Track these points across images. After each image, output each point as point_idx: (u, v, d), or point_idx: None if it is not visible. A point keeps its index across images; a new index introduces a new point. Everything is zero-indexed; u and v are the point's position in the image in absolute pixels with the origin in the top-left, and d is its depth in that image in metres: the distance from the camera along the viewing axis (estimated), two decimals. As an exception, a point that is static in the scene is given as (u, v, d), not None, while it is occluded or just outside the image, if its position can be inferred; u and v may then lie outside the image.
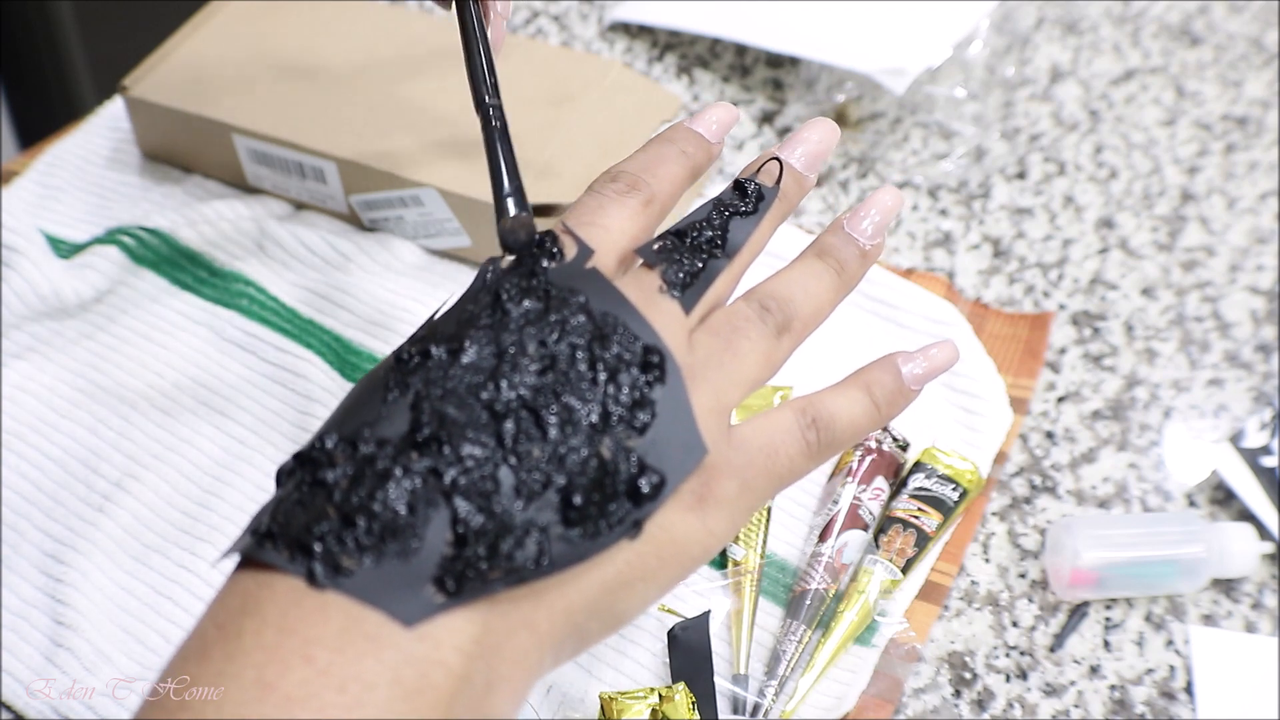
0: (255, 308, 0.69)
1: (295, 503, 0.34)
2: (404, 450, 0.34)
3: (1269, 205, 0.78)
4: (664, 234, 0.42)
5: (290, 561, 0.33)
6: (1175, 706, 0.57)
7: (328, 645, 0.32)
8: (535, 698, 0.54)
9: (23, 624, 0.57)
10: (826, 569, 0.58)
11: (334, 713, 0.31)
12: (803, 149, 0.45)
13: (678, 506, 0.38)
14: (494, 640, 0.34)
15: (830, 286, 0.43)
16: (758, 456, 0.40)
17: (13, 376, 0.66)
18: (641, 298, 0.39)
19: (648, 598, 0.38)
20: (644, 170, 0.43)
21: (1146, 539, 0.60)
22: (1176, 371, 0.69)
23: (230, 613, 0.33)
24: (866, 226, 0.44)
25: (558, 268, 0.39)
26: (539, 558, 0.34)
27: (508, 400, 0.36)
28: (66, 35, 1.27)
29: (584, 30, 0.88)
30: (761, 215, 0.43)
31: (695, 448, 0.38)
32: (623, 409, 0.37)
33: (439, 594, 0.33)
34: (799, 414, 0.41)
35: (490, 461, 0.35)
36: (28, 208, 0.75)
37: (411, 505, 0.34)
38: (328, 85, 0.73)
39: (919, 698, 0.57)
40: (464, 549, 0.34)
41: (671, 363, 0.38)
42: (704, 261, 0.41)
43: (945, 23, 0.81)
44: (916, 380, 0.44)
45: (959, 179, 0.78)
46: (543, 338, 0.37)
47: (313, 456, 0.35)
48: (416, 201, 0.69)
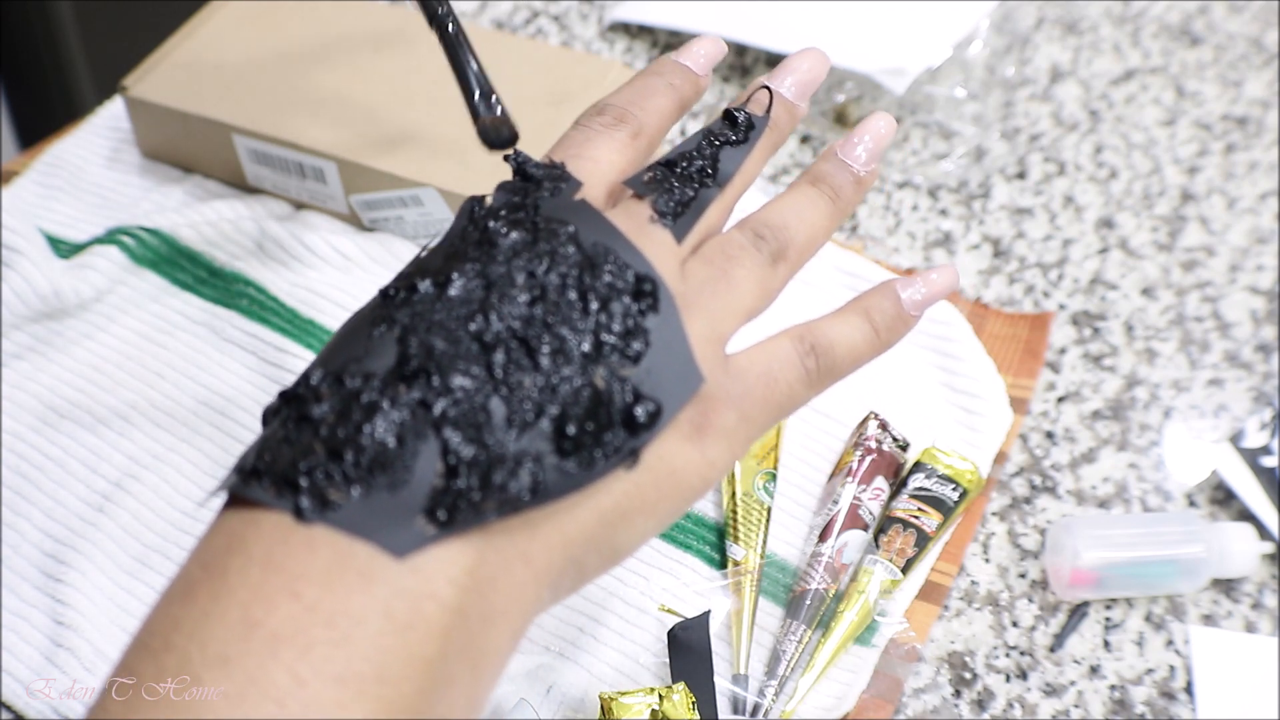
0: (255, 308, 0.69)
1: (281, 440, 0.33)
2: (391, 383, 0.34)
3: (1269, 205, 0.78)
4: (653, 164, 0.41)
5: (276, 497, 0.32)
6: (1175, 706, 0.57)
7: (315, 580, 0.31)
8: (535, 698, 0.54)
9: (23, 624, 0.57)
10: (826, 569, 0.58)
11: (322, 649, 0.30)
12: (793, 78, 0.44)
13: (675, 436, 0.37)
14: (488, 572, 0.33)
15: (825, 213, 0.43)
16: (756, 385, 0.39)
17: (12, 376, 0.66)
18: (632, 227, 0.39)
19: (646, 530, 0.37)
20: (631, 103, 0.42)
21: (1146, 539, 0.60)
22: (1176, 371, 0.69)
23: (215, 552, 0.32)
24: (860, 152, 0.44)
25: (546, 201, 0.38)
26: (533, 487, 0.34)
27: (497, 331, 0.35)
28: (66, 35, 1.27)
29: (584, 30, 0.88)
30: (752, 144, 0.42)
31: (691, 376, 0.37)
32: (616, 338, 0.36)
33: (430, 525, 0.32)
34: (797, 341, 0.40)
35: (480, 392, 0.34)
36: (28, 208, 0.75)
37: (400, 437, 0.33)
38: (328, 85, 0.73)
39: (919, 698, 0.57)
40: (455, 480, 0.33)
41: (665, 291, 0.37)
42: (695, 191, 0.40)
43: (945, 23, 0.81)
44: (916, 305, 0.43)
45: (959, 179, 0.78)
46: (532, 269, 0.36)
47: (298, 393, 0.34)
48: (416, 201, 0.69)
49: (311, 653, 0.30)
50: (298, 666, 0.30)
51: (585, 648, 0.57)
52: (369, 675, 0.30)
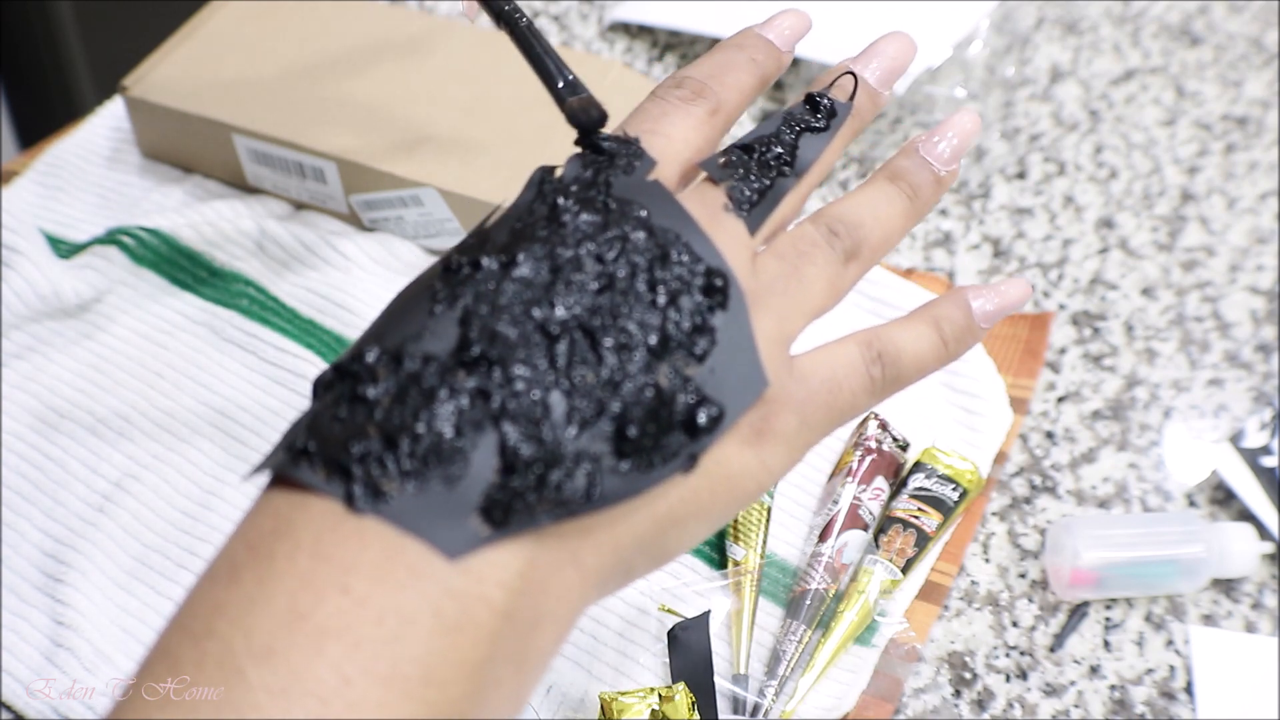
0: (255, 308, 0.69)
1: (333, 419, 0.32)
2: (451, 368, 0.32)
3: (1269, 205, 0.78)
4: (730, 148, 0.39)
5: (327, 482, 0.31)
6: (1175, 706, 0.57)
7: (365, 575, 0.30)
8: (535, 698, 0.54)
9: (23, 624, 0.57)
10: (826, 569, 0.58)
11: (370, 646, 0.29)
12: (878, 62, 0.43)
13: (734, 440, 0.35)
14: (539, 576, 0.32)
15: (902, 212, 0.41)
16: (820, 390, 0.38)
17: (12, 376, 0.66)
18: (705, 215, 0.37)
19: (697, 534, 0.36)
20: (711, 77, 0.40)
21: (1146, 539, 0.60)
22: (1176, 371, 0.69)
23: (262, 534, 0.31)
24: (944, 150, 0.42)
25: (618, 179, 0.37)
26: (589, 490, 0.32)
27: (562, 320, 0.33)
28: (66, 35, 1.27)
29: (584, 30, 0.88)
30: (834, 133, 0.40)
31: (756, 379, 0.35)
32: (682, 335, 0.34)
33: (485, 525, 0.31)
34: (864, 347, 0.39)
35: (541, 385, 0.32)
36: (28, 208, 0.75)
37: (458, 428, 0.31)
38: (328, 85, 0.73)
39: (919, 698, 0.57)
40: (511, 478, 0.31)
41: (735, 287, 0.36)
42: (772, 179, 0.39)
43: (945, 23, 0.81)
44: (987, 318, 0.41)
45: (959, 179, 0.78)
46: (601, 254, 0.34)
47: (353, 370, 0.32)
48: (416, 201, 0.69)
49: (359, 650, 0.29)
50: (344, 664, 0.29)
51: (585, 648, 0.57)
52: (415, 677, 0.30)
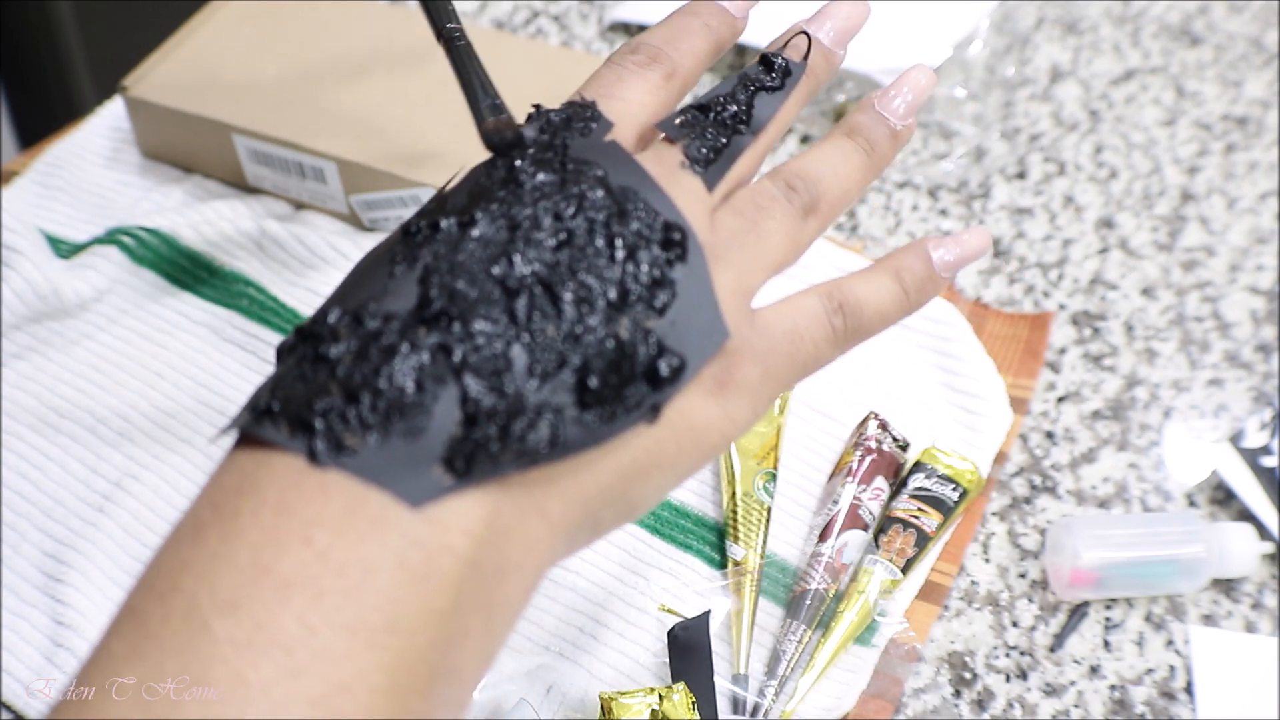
0: (255, 308, 0.69)
1: (296, 378, 0.32)
2: (411, 325, 0.33)
3: (1269, 205, 0.78)
4: (686, 108, 0.40)
5: (291, 439, 0.31)
6: (1175, 706, 0.57)
7: (328, 527, 0.30)
8: (535, 698, 0.54)
9: (23, 624, 0.57)
10: (826, 569, 0.58)
11: (333, 597, 0.29)
12: (832, 23, 0.43)
13: (698, 391, 0.36)
14: (504, 525, 0.33)
15: (859, 167, 0.41)
16: (781, 341, 0.38)
17: (12, 376, 0.66)
18: (663, 173, 0.37)
19: (664, 486, 0.37)
20: (666, 42, 0.41)
21: (1146, 539, 0.60)
22: (1176, 371, 0.69)
23: (226, 492, 0.31)
24: (899, 105, 0.43)
25: (575, 140, 0.37)
26: (552, 440, 0.33)
27: (521, 276, 0.34)
28: (66, 35, 1.27)
29: (584, 30, 0.88)
30: (788, 91, 0.41)
31: (717, 330, 0.36)
32: (642, 288, 0.35)
33: (447, 475, 0.31)
34: (825, 298, 0.40)
35: (502, 339, 0.33)
36: (28, 208, 0.75)
37: (419, 382, 0.32)
38: (328, 85, 0.73)
39: (919, 698, 0.57)
40: (474, 429, 0.32)
41: (693, 241, 0.36)
42: (728, 137, 0.39)
43: (945, 23, 0.81)
44: (947, 267, 0.42)
45: (959, 179, 0.78)
46: (559, 211, 0.35)
47: (315, 331, 0.33)
48: (416, 201, 0.69)
49: (322, 600, 0.29)
50: (308, 614, 0.29)
51: (585, 648, 0.57)
52: (380, 625, 0.30)
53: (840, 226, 0.76)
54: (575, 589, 0.58)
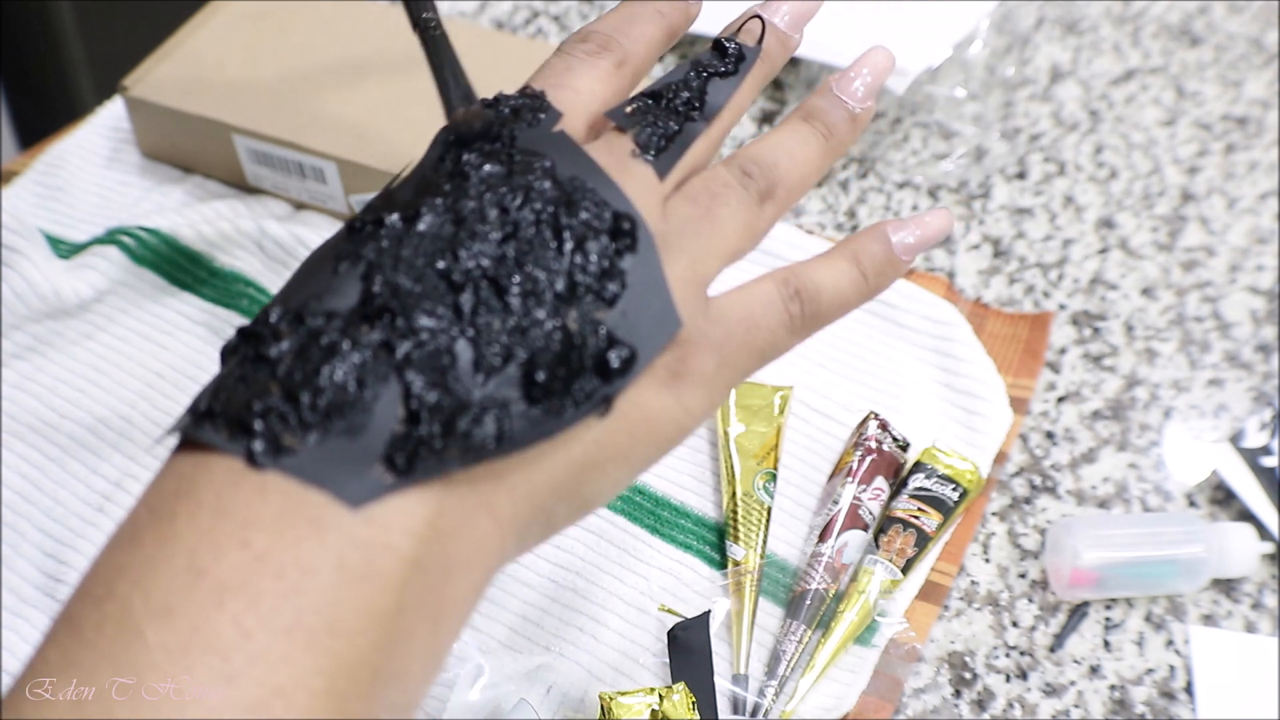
0: (255, 308, 0.69)
1: (238, 380, 0.31)
2: (353, 323, 0.32)
3: (1269, 205, 0.78)
4: (637, 95, 0.39)
5: (229, 441, 0.30)
6: (1175, 706, 0.57)
7: (265, 528, 0.29)
8: (535, 698, 0.54)
9: (23, 624, 0.57)
10: (826, 569, 0.58)
11: (271, 600, 0.29)
12: (787, 6, 0.42)
13: (651, 382, 0.35)
14: (450, 523, 0.32)
15: (817, 150, 0.41)
16: (737, 329, 0.38)
17: (12, 376, 0.66)
18: (612, 162, 0.37)
19: (619, 479, 0.36)
20: (616, 30, 0.40)
21: (1146, 539, 0.60)
22: (1176, 371, 0.69)
23: (164, 496, 0.31)
24: (857, 88, 0.42)
25: (523, 131, 0.36)
26: (499, 435, 0.32)
27: (466, 270, 0.33)
28: (66, 35, 1.27)
29: (584, 30, 0.88)
30: (742, 76, 0.40)
31: (669, 320, 0.35)
32: (590, 279, 0.34)
33: (388, 473, 0.31)
34: (781, 284, 0.39)
35: (446, 334, 0.32)
36: (28, 208, 0.75)
37: (360, 380, 0.31)
38: (328, 85, 0.73)
39: (919, 698, 0.57)
40: (416, 426, 0.31)
41: (643, 230, 0.35)
42: (680, 124, 0.38)
43: (945, 23, 0.81)
44: (907, 250, 0.41)
45: (959, 179, 0.78)
46: (504, 204, 0.34)
47: (256, 331, 0.32)
48: (416, 201, 0.69)
49: (259, 604, 0.29)
50: (244, 618, 0.29)
51: (585, 648, 0.57)
52: (319, 628, 0.29)
53: (840, 227, 0.76)
54: (575, 589, 0.58)
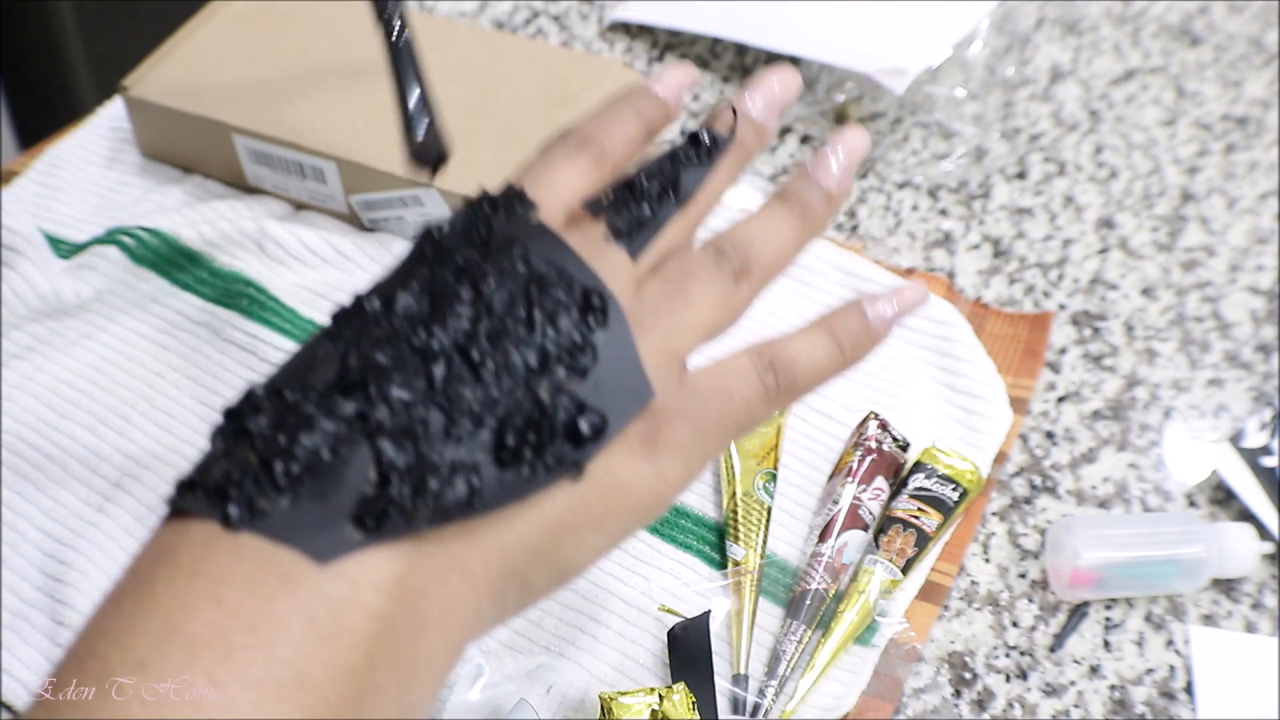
0: (255, 308, 0.69)
1: (220, 453, 0.33)
2: (329, 395, 0.33)
3: (1269, 205, 0.78)
4: (612, 185, 0.40)
5: (207, 507, 0.32)
6: (1175, 706, 0.57)
7: (237, 586, 0.31)
8: (535, 698, 0.54)
9: (23, 624, 0.57)
10: (826, 569, 0.58)
11: (242, 653, 0.30)
12: (762, 96, 0.44)
13: (624, 450, 0.36)
14: (420, 582, 0.33)
15: (793, 230, 0.42)
16: (711, 399, 0.39)
17: (12, 376, 0.66)
18: (586, 246, 0.38)
19: (596, 546, 0.37)
20: (596, 129, 0.42)
21: (1146, 539, 0.60)
22: (1176, 371, 0.69)
23: (146, 562, 0.32)
24: (833, 168, 0.43)
25: (500, 221, 0.38)
26: (469, 497, 0.33)
27: (440, 344, 0.34)
28: (66, 35, 1.27)
29: (584, 30, 0.88)
30: (716, 163, 0.42)
31: (641, 390, 0.36)
32: (562, 351, 0.35)
33: (357, 531, 0.32)
34: (755, 356, 0.40)
35: (419, 404, 0.33)
36: (28, 208, 0.75)
37: (334, 448, 0.32)
38: (328, 85, 0.73)
39: (919, 698, 0.57)
40: (387, 488, 0.32)
41: (614, 305, 0.37)
42: (653, 209, 0.40)
43: (945, 23, 0.81)
44: (884, 322, 0.42)
45: (959, 179, 0.78)
46: (478, 284, 0.36)
47: (239, 409, 0.34)
48: (416, 201, 0.69)
49: (231, 658, 0.30)
50: (216, 671, 0.30)
51: (585, 648, 0.57)
52: (289, 680, 0.30)
53: (840, 227, 0.76)
54: (575, 589, 0.58)
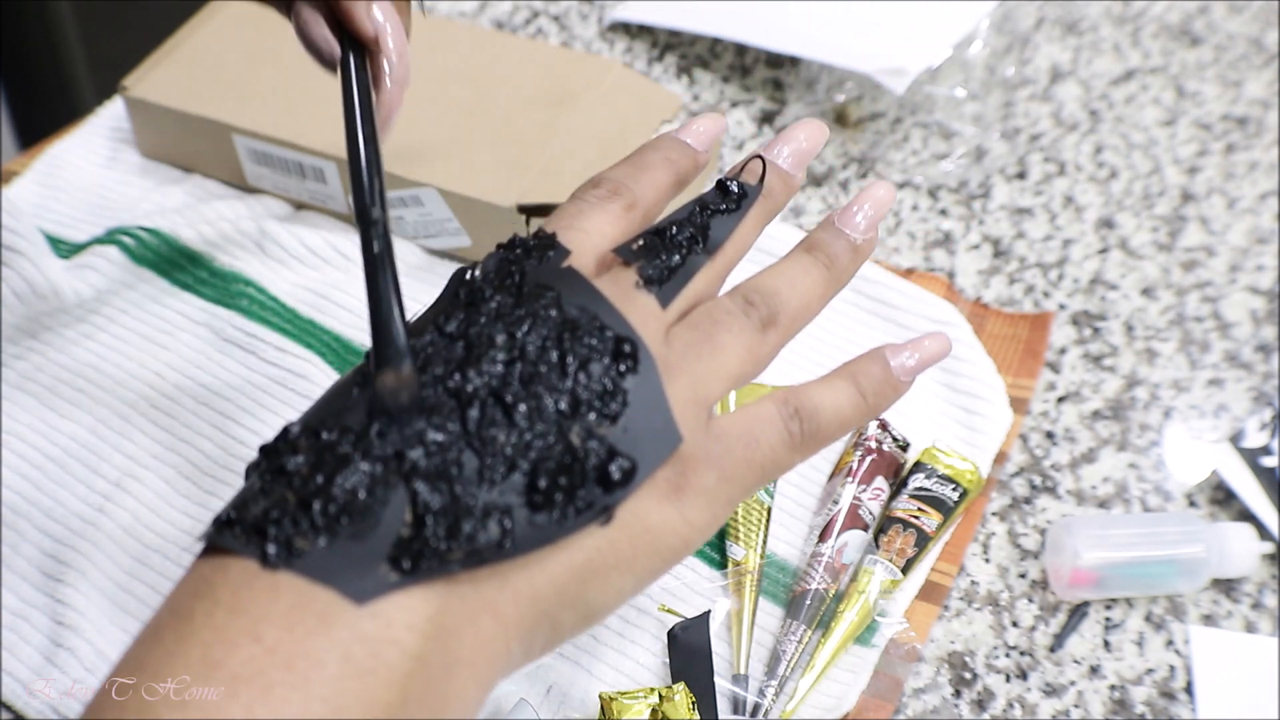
0: (255, 308, 0.69)
1: (258, 491, 0.34)
2: (365, 436, 0.34)
3: (1269, 205, 0.78)
4: (643, 233, 0.41)
5: (245, 545, 0.33)
6: (1175, 706, 0.57)
7: (276, 623, 0.32)
8: (535, 698, 0.54)
9: (23, 624, 0.57)
10: (826, 569, 0.58)
11: (280, 690, 0.31)
12: (790, 148, 0.45)
13: (652, 495, 0.37)
14: (452, 622, 0.34)
15: (819, 280, 0.43)
16: (737, 446, 0.39)
17: (12, 377, 0.66)
18: (617, 293, 0.39)
19: (623, 589, 0.38)
20: (627, 176, 0.43)
21: (1146, 539, 0.60)
22: (1176, 371, 0.69)
23: (184, 596, 0.33)
24: (859, 221, 0.44)
25: (533, 267, 0.39)
26: (501, 540, 0.34)
27: (474, 388, 0.35)
28: (66, 35, 1.27)
29: (584, 30, 0.88)
30: (744, 212, 0.43)
31: (670, 435, 0.37)
32: (593, 397, 0.36)
33: (393, 572, 0.33)
34: (781, 404, 0.41)
35: (454, 447, 0.34)
36: (28, 208, 0.75)
37: (370, 489, 0.33)
38: (328, 85, 0.73)
39: (919, 698, 0.57)
40: (422, 529, 0.33)
41: (645, 352, 0.38)
42: (683, 258, 0.41)
43: (945, 23, 0.81)
44: (907, 372, 0.43)
45: (959, 179, 0.78)
46: (512, 329, 0.37)
47: (275, 447, 0.35)
48: (416, 201, 0.69)
49: (270, 694, 0.31)
50: (255, 707, 0.30)
51: (585, 647, 0.57)
52: (326, 716, 0.31)
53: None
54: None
